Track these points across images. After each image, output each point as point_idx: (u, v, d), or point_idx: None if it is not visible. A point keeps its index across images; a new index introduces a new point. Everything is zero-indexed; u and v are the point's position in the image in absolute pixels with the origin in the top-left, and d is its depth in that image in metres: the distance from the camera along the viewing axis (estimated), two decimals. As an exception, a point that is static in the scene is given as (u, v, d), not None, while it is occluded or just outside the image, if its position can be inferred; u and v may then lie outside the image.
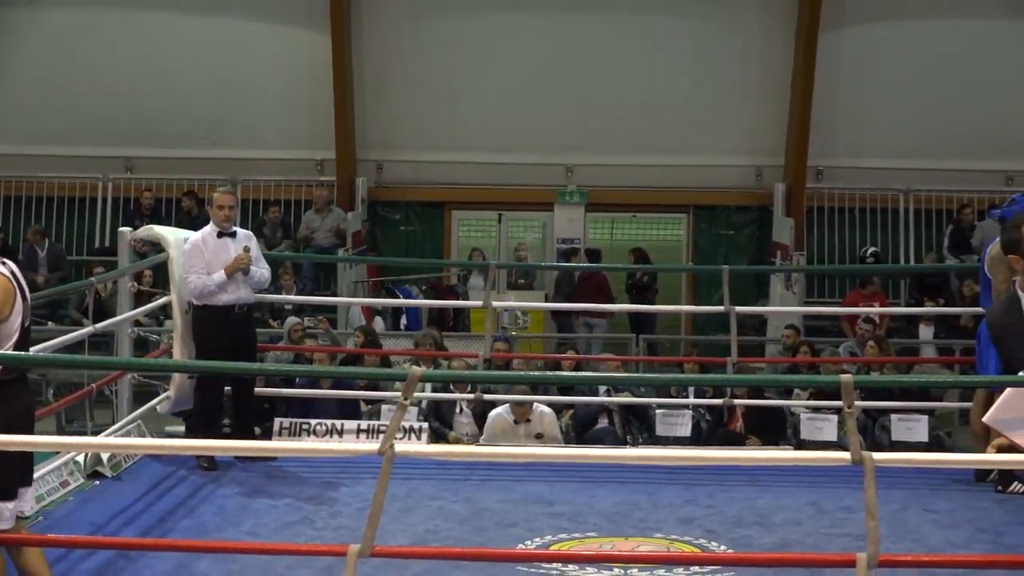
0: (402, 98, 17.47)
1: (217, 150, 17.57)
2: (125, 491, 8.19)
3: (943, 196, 17.36)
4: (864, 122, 17.30)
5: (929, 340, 14.79)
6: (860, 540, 4.76)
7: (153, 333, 11.29)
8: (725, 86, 17.31)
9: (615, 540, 7.45)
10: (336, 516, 7.89)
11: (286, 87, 17.52)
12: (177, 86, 17.39)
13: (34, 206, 17.67)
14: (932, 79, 17.13)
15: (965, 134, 17.18)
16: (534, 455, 6.97)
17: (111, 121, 17.40)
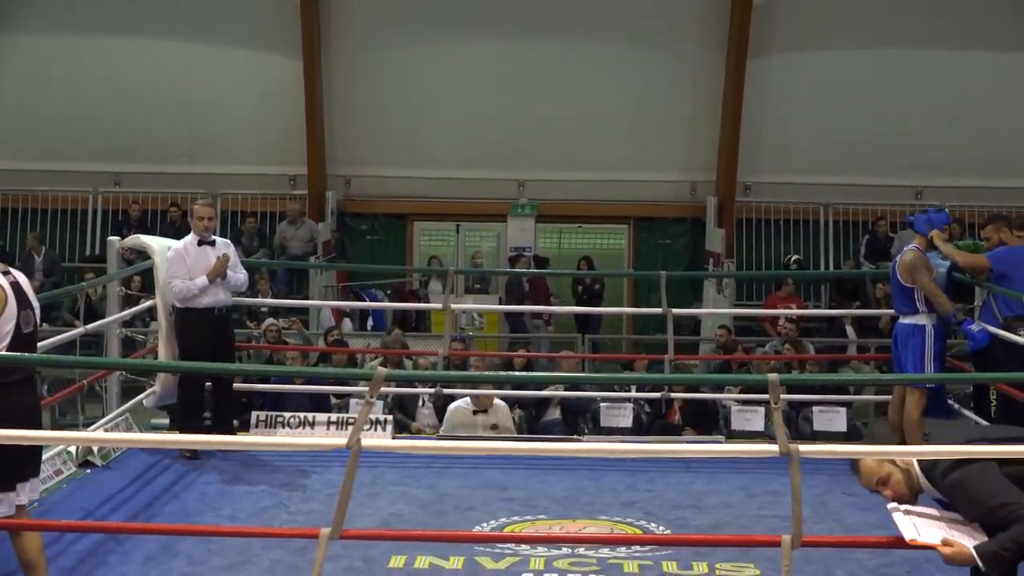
0: (368, 118, 17.43)
1: (197, 166, 17.50)
2: (114, 479, 8.14)
3: (859, 209, 17.47)
4: (788, 142, 17.38)
5: (853, 340, 14.89)
6: (786, 522, 4.78)
7: (140, 333, 11.22)
8: (663, 109, 17.35)
9: (564, 522, 7.45)
10: (308, 501, 7.85)
11: (261, 108, 17.45)
12: (160, 107, 17.29)
13: (30, 217, 17.56)
14: (849, 103, 17.23)
15: (878, 153, 17.30)
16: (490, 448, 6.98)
17: (101, 139, 17.30)
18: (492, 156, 17.26)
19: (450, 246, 18.19)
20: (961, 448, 4.88)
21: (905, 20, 17.02)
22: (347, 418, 10.06)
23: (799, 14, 17.04)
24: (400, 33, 17.16)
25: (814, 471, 8.19)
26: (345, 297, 16.46)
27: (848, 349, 14.74)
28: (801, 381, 10.51)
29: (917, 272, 8.37)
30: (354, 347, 13.42)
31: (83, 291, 10.49)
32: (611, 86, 17.25)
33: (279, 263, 16.68)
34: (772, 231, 17.64)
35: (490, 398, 9.90)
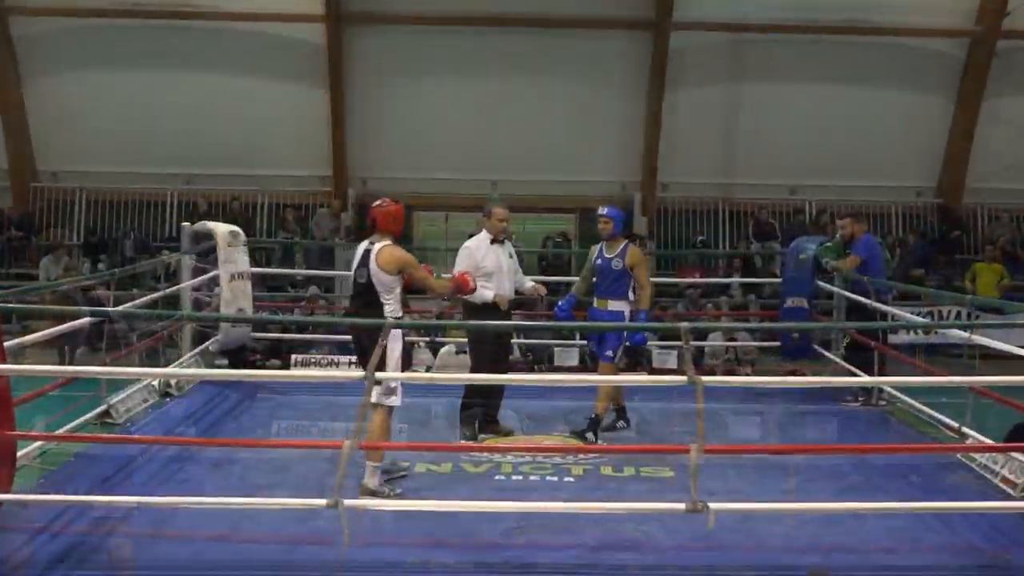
0: (380, 134, 17.33)
1: (250, 169, 17.34)
2: (187, 405, 8.12)
3: (747, 201, 17.50)
4: (694, 152, 17.34)
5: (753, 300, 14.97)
6: (693, 435, 4.80)
7: (207, 296, 11.15)
8: (602, 128, 17.29)
9: (527, 437, 7.47)
10: (335, 421, 7.85)
11: (298, 126, 17.30)
12: (221, 125, 17.12)
13: (122, 209, 17.40)
14: (740, 123, 17.22)
15: (762, 160, 17.30)
16: (471, 379, 6.97)
17: (177, 149, 17.14)
18: (472, 162, 17.20)
19: (441, 229, 18.16)
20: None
21: (779, 62, 17.01)
22: (364, 359, 10.06)
23: (703, 56, 16.99)
24: (405, 71, 17.06)
25: (714, 398, 8.25)
26: (362, 269, 16.38)
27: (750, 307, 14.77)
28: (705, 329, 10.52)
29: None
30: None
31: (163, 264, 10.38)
32: (562, 112, 17.19)
33: (314, 243, 16.61)
34: (683, 219, 17.66)
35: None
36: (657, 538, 5.21)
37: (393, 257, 6.16)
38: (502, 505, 5.43)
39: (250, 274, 9.05)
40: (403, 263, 6.16)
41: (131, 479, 6.07)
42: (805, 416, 8.28)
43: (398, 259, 6.16)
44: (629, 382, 7.24)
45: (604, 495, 6.04)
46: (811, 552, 5.10)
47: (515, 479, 6.36)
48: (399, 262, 6.15)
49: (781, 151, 17.21)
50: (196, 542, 5.06)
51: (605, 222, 7.56)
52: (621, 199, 17.60)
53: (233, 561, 4.89)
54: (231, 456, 6.54)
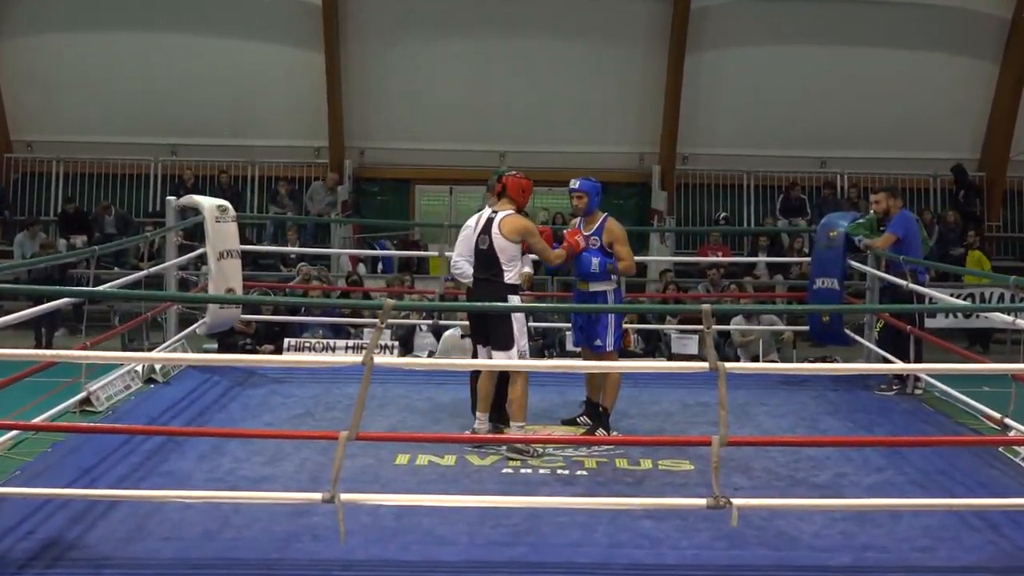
0: (377, 102, 17.32)
1: (239, 139, 17.37)
2: (172, 393, 8.12)
3: (775, 175, 17.46)
4: (718, 121, 17.34)
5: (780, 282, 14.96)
6: (715, 426, 4.79)
7: (193, 275, 11.16)
8: (618, 95, 17.27)
9: (536, 427, 7.46)
10: (331, 410, 7.86)
11: (291, 93, 17.30)
12: (209, 92, 17.13)
13: (102, 181, 17.43)
14: (767, 89, 17.18)
15: (791, 130, 17.27)
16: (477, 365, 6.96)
17: (161, 118, 17.15)
18: (478, 132, 17.18)
19: (444, 205, 18.14)
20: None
21: (809, 23, 16.94)
22: (361, 344, 10.09)
23: (727, 17, 16.95)
24: (404, 33, 17.03)
25: (737, 386, 8.26)
26: (360, 246, 16.42)
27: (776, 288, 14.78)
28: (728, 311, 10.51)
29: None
30: (369, 287, 13.40)
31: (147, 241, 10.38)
32: (575, 76, 17.15)
33: (309, 219, 16.63)
34: (705, 193, 17.64)
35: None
36: (676, 536, 5.21)
37: (517, 225, 6.73)
38: (510, 500, 5.43)
39: (240, 252, 9.03)
40: (525, 231, 6.72)
41: (113, 471, 6.08)
42: (836, 405, 8.27)
43: (522, 227, 6.72)
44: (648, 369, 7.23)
45: (619, 490, 6.04)
46: (842, 551, 5.09)
47: (524, 473, 6.36)
48: (522, 230, 6.72)
49: (811, 120, 17.16)
50: (182, 539, 5.07)
51: (579, 197, 7.25)
52: (639, 172, 17.59)
53: (222, 559, 4.89)
54: (220, 447, 6.55)
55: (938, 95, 17.16)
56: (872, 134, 17.23)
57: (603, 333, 7.21)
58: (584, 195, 7.28)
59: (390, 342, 10.27)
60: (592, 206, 7.29)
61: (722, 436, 4.70)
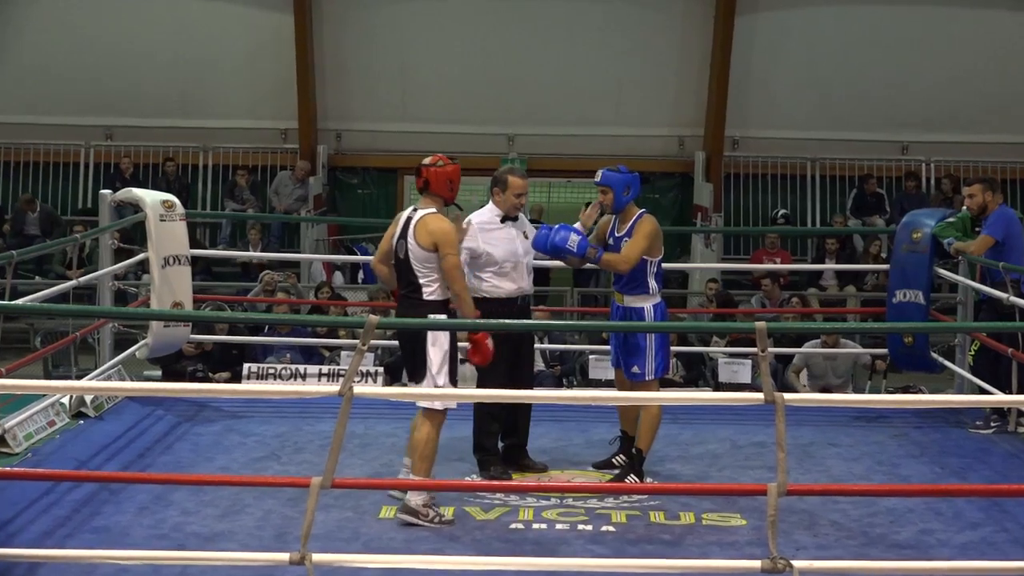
0: (359, 73, 17.35)
1: (190, 120, 17.40)
2: (107, 430, 8.13)
3: (846, 164, 17.45)
4: (776, 97, 17.33)
5: (852, 294, 14.94)
6: (771, 472, 4.79)
7: (132, 286, 11.19)
8: (651, 64, 17.27)
9: (552, 473, 7.47)
10: (300, 452, 7.86)
11: (252, 63, 17.33)
12: (152, 61, 17.16)
13: (22, 171, 17.46)
14: (836, 59, 17.16)
15: (865, 108, 17.24)
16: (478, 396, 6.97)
17: (92, 93, 17.18)
18: (482, 111, 17.20)
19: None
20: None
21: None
22: (338, 370, 10.10)
23: (787, -30, 17.01)
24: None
25: (800, 423, 8.25)
26: (336, 250, 16.43)
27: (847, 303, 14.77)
28: (788, 330, 10.49)
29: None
30: (348, 301, 13.41)
31: (76, 244, 10.43)
32: (599, 41, 17.16)
33: (273, 216, 16.64)
34: (760, 186, 17.62)
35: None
36: (724, 606, 5.20)
37: (431, 227, 6.44)
38: (519, 562, 5.43)
39: (189, 257, 9.06)
40: (438, 236, 6.42)
41: (32, 526, 6.09)
42: (921, 446, 8.26)
43: (436, 231, 6.43)
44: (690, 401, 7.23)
45: (654, 550, 6.03)
46: (928, 626, 5.09)
47: (537, 528, 6.36)
48: (435, 235, 6.42)
49: (891, 96, 17.16)
50: (118, 609, 5.08)
51: (603, 192, 7.28)
52: (678, 159, 17.60)
53: (167, 634, 4.90)
54: (164, 496, 6.55)
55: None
56: (966, 113, 17.22)
57: (641, 358, 7.20)
58: (608, 190, 7.30)
59: (373, 368, 10.26)
60: (621, 201, 7.29)
61: (780, 484, 4.70)
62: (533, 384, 7.90)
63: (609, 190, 7.29)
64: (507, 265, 7.35)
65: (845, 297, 15.03)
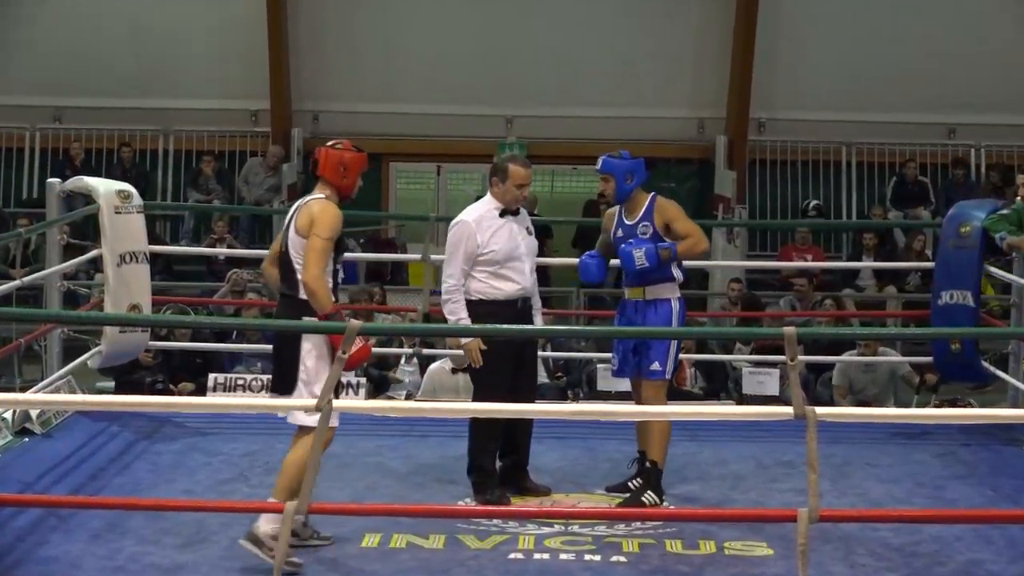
0: (338, 47, 17.35)
1: (149, 100, 17.41)
2: (55, 448, 8.12)
3: (885, 149, 17.46)
4: (807, 73, 17.34)
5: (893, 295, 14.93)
6: (802, 495, 4.79)
7: (83, 287, 11.18)
8: (665, 36, 17.29)
9: (556, 496, 7.46)
10: (272, 473, 7.81)
11: (218, 35, 17.34)
12: (107, 34, 17.18)
13: (-42, 157, 17.50)
14: (875, 31, 17.18)
15: (908, 87, 17.25)
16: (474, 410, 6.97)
17: (39, 70, 17.20)
18: (477, 89, 17.20)
19: (430, 190, 18.17)
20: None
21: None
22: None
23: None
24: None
25: (834, 440, 8.24)
26: (313, 247, 16.39)
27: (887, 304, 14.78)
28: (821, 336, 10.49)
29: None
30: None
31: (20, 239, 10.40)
32: (607, 10, 17.18)
33: (242, 208, 16.64)
34: (789, 174, 17.64)
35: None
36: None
37: (312, 210, 6.32)
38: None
39: (148, 254, 9.05)
40: (316, 216, 6.28)
41: (-28, 556, 6.09)
42: (969, 466, 8.26)
43: (314, 212, 6.31)
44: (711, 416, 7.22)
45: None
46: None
47: (539, 558, 6.36)
48: (313, 215, 6.29)
49: (936, 73, 17.17)
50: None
51: (604, 179, 7.43)
52: (698, 144, 17.61)
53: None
54: (119, 524, 6.54)
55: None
56: (1021, 93, 17.22)
57: (662, 353, 7.29)
58: (610, 177, 7.41)
59: (355, 379, 10.26)
60: (624, 189, 7.41)
61: (812, 508, 4.70)
62: (535, 397, 7.89)
63: (611, 178, 7.40)
64: (507, 264, 7.35)
65: (884, 299, 15.03)
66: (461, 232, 7.30)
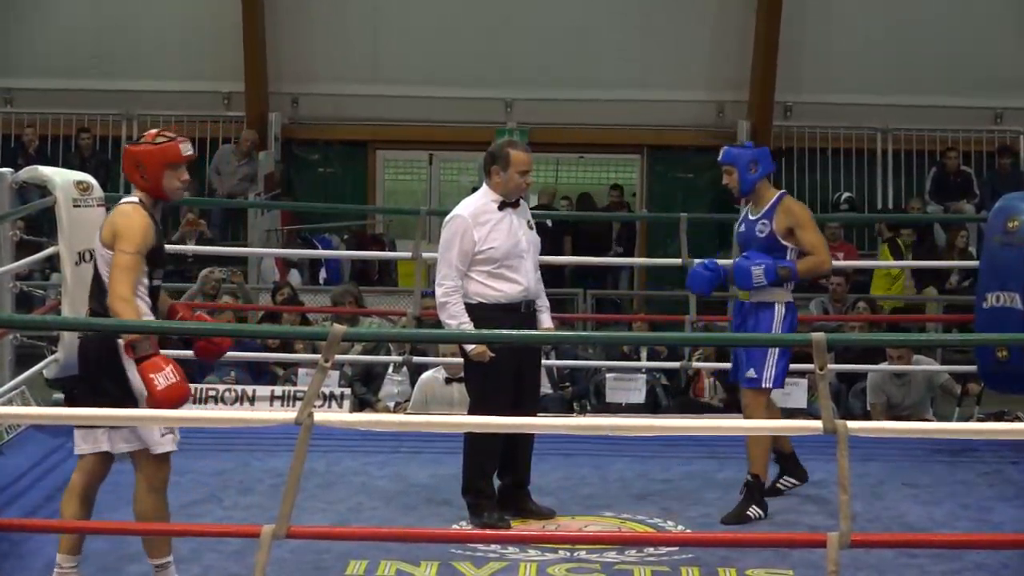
0: (320, 23, 17.37)
1: (109, 81, 17.42)
2: (6, 466, 8.15)
3: (925, 136, 17.46)
4: (838, 52, 17.36)
5: (933, 297, 14.92)
6: (832, 518, 4.80)
7: (38, 288, 11.20)
8: (682, 11, 17.32)
9: (561, 519, 7.48)
10: (247, 493, 7.88)
11: (186, 9, 17.37)
12: (61, 7, 17.20)
13: (-99, 145, 17.51)
14: (913, 5, 17.21)
15: (950, 67, 17.27)
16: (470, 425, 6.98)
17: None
18: (472, 70, 17.22)
19: (421, 180, 18.19)
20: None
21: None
22: (295, 391, 10.12)
23: None
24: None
25: (868, 457, 8.27)
26: (292, 244, 16.44)
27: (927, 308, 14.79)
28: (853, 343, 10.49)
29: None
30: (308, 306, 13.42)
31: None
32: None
33: (213, 201, 16.65)
34: (818, 163, 17.65)
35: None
36: None
37: (113, 218, 6.13)
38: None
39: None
40: (119, 227, 6.03)
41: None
42: (1017, 487, 8.27)
43: (115, 221, 6.08)
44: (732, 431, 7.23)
45: (687, 615, 6.05)
46: None
47: (542, 588, 6.38)
48: (115, 226, 6.05)
49: (981, 52, 17.19)
50: None
51: (727, 171, 7.64)
52: (718, 130, 17.62)
53: None
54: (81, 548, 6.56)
55: None
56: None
57: (759, 360, 7.49)
58: (732, 168, 7.62)
59: (339, 389, 10.28)
60: (748, 181, 7.62)
61: (843, 532, 4.71)
62: (537, 410, 7.91)
63: (733, 169, 7.62)
64: (507, 262, 7.35)
65: (923, 301, 15.03)
66: (456, 228, 7.30)
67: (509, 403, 7.15)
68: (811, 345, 4.89)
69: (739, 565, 6.61)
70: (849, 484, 4.70)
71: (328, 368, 4.90)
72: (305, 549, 6.49)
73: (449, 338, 7.14)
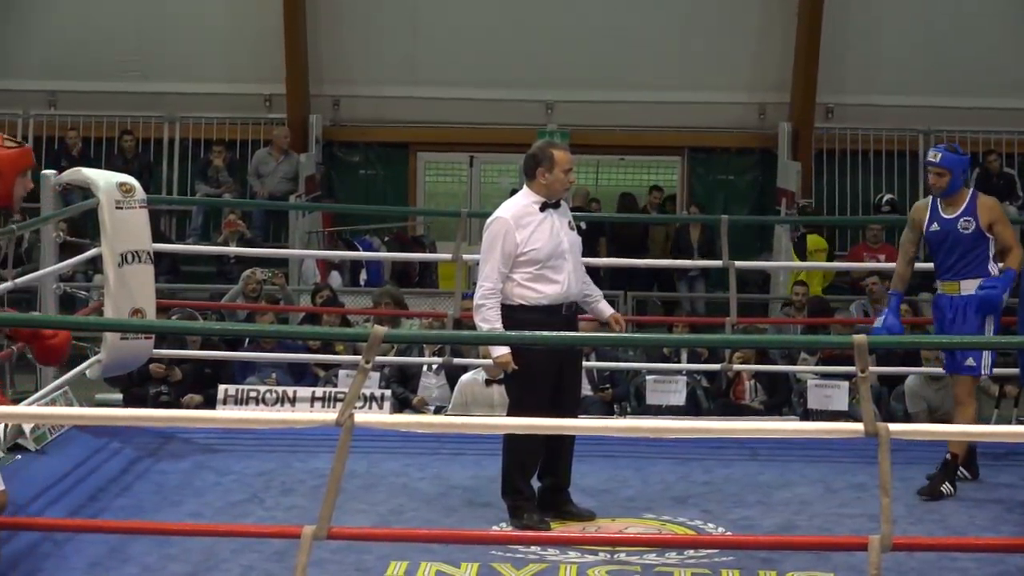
0: (361, 25, 17.40)
1: (152, 83, 17.50)
2: (50, 466, 8.16)
3: (968, 138, 17.36)
4: (880, 54, 17.32)
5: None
6: (873, 521, 4.78)
7: (82, 289, 11.25)
8: (724, 13, 17.29)
9: (601, 521, 7.47)
10: (288, 494, 7.89)
11: (228, 12, 17.43)
12: (106, 11, 17.26)
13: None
14: (956, 5, 17.15)
15: (992, 69, 17.21)
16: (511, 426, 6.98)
17: (32, 51, 17.30)
18: (513, 72, 17.23)
19: (462, 182, 18.19)
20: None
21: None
22: (335, 393, 10.12)
23: None
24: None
25: (910, 461, 8.21)
26: (333, 246, 16.47)
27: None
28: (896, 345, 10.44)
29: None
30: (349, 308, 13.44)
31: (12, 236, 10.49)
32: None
33: (255, 203, 16.69)
34: (859, 165, 17.60)
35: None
36: None
37: None
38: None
39: (152, 254, 9.10)
40: None
41: (-40, 585, 6.14)
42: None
43: None
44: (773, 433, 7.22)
45: (727, 617, 6.04)
46: None
47: (581, 590, 6.37)
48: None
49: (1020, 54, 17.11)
50: None
51: (938, 174, 7.99)
52: (758, 132, 17.59)
53: None
54: (121, 549, 6.58)
55: None
56: None
57: (978, 349, 7.84)
58: (946, 172, 8.02)
59: (379, 391, 10.29)
60: (957, 185, 8.06)
61: (885, 536, 4.69)
62: (578, 411, 7.90)
63: (947, 173, 8.04)
64: (549, 264, 7.33)
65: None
66: (498, 230, 7.28)
67: (548, 405, 7.14)
68: (853, 347, 4.88)
69: (780, 568, 6.58)
70: (891, 487, 4.68)
71: (369, 369, 4.90)
72: (346, 550, 6.49)
73: (490, 340, 7.14)
